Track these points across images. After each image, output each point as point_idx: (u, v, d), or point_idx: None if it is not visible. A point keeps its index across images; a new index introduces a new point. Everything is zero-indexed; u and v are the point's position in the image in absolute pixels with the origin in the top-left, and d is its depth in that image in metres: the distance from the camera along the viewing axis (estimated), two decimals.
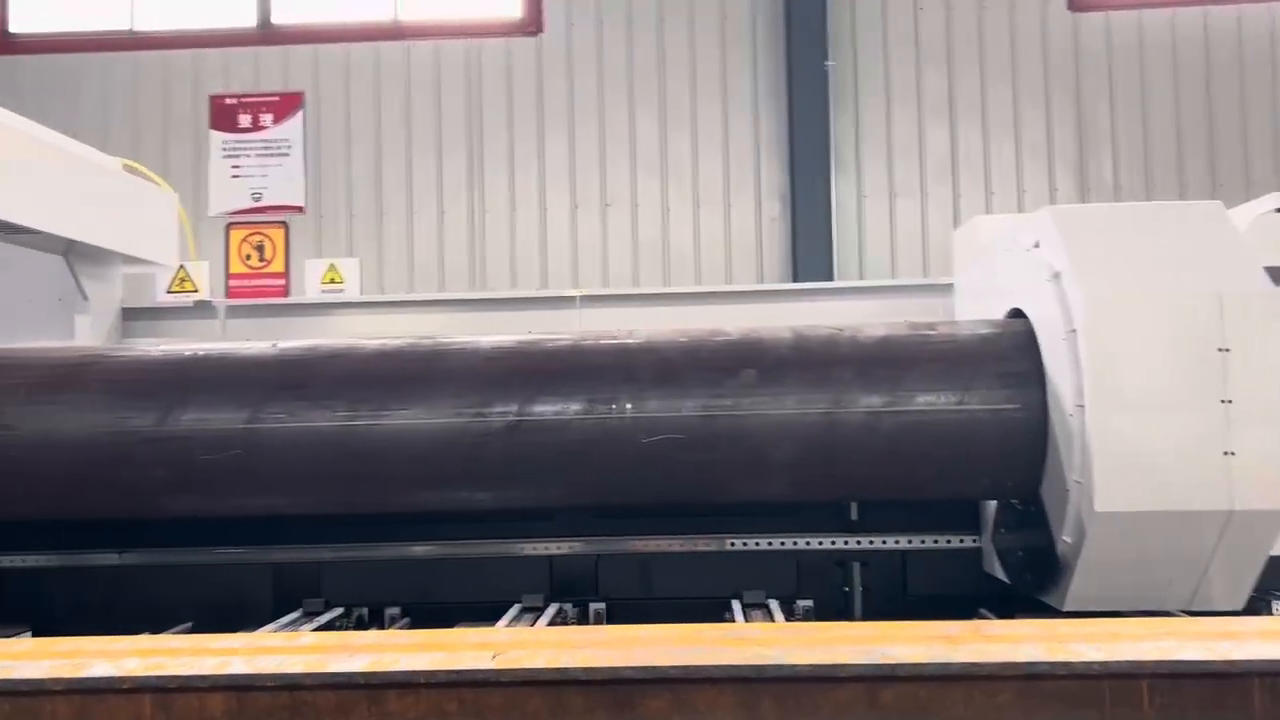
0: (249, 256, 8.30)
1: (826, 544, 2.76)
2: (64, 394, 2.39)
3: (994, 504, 2.61)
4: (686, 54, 8.20)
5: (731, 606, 2.62)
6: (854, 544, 2.75)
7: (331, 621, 2.65)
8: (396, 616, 2.74)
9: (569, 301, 3.64)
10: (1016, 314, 2.49)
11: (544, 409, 2.32)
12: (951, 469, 2.35)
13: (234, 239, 8.33)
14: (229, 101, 8.35)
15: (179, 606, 2.77)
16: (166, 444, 2.31)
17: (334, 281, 8.13)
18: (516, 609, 2.63)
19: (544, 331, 2.57)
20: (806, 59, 7.97)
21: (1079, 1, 8.11)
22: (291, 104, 8.33)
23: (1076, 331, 2.18)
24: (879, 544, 2.74)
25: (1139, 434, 2.14)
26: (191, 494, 2.38)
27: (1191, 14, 8.05)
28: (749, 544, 2.75)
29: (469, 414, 2.31)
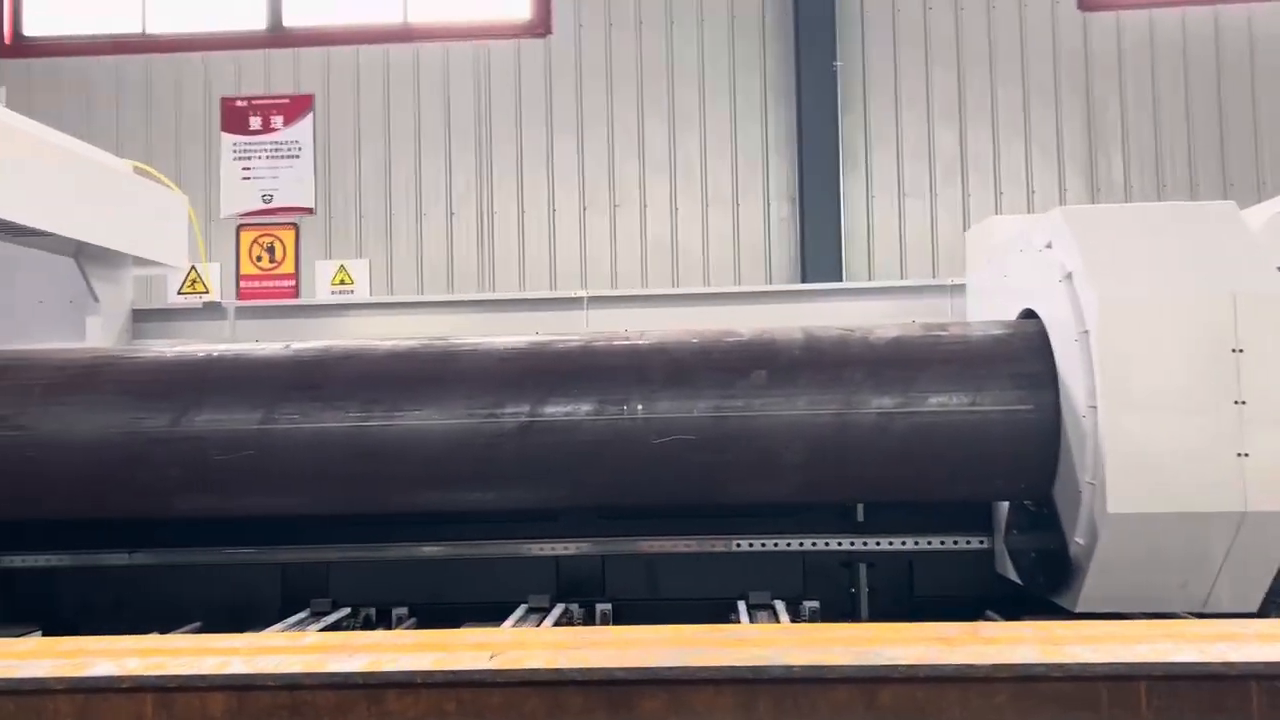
0: (260, 258, 8.33)
1: (833, 545, 2.75)
2: (79, 395, 2.41)
3: (1006, 505, 2.60)
4: (695, 55, 8.20)
5: (737, 607, 2.62)
6: (860, 545, 2.74)
7: (339, 621, 2.66)
8: (404, 616, 2.75)
9: (576, 303, 3.63)
10: (1029, 315, 2.48)
11: (556, 410, 2.32)
12: (964, 470, 2.34)
13: (245, 240, 8.37)
14: (240, 104, 8.39)
15: (188, 606, 2.78)
16: (181, 444, 2.32)
17: (344, 283, 8.16)
18: (523, 609, 2.63)
19: (553, 332, 2.57)
20: (815, 60, 7.95)
21: (1089, 1, 8.08)
22: (302, 106, 8.36)
23: (1089, 332, 2.17)
24: (885, 545, 2.73)
25: (1152, 435, 2.13)
26: (205, 494, 2.39)
27: (1202, 13, 8.01)
28: (755, 545, 2.75)
29: (481, 415, 2.32)
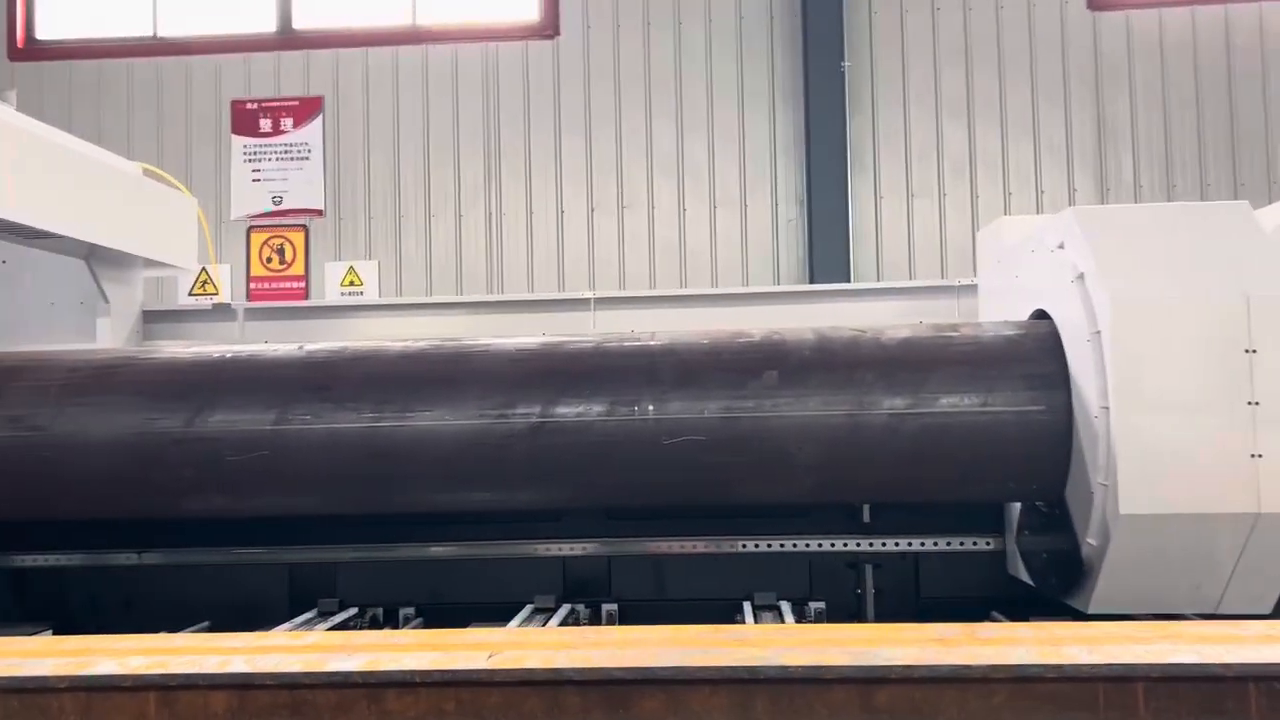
0: (270, 259, 8.36)
1: (839, 546, 2.74)
2: (94, 396, 2.42)
3: (1018, 506, 2.60)
4: (703, 56, 8.20)
5: (743, 608, 2.62)
6: (866, 546, 2.74)
7: (345, 621, 2.67)
8: (410, 616, 2.75)
9: (583, 304, 3.64)
10: (1040, 315, 2.48)
11: (567, 410, 2.32)
12: (975, 471, 2.34)
13: (255, 242, 8.40)
14: (250, 106, 8.42)
15: (197, 606, 2.79)
16: (195, 445, 2.33)
17: (353, 284, 8.19)
18: (528, 610, 2.64)
19: (564, 334, 2.58)
20: (823, 60, 7.94)
21: (1098, 0, 8.05)
22: (311, 108, 8.39)
23: (1101, 333, 2.16)
24: (891, 546, 2.73)
25: (1164, 436, 2.12)
26: (219, 495, 2.40)
27: (1213, 12, 7.98)
28: (761, 546, 2.74)
29: (493, 415, 2.33)
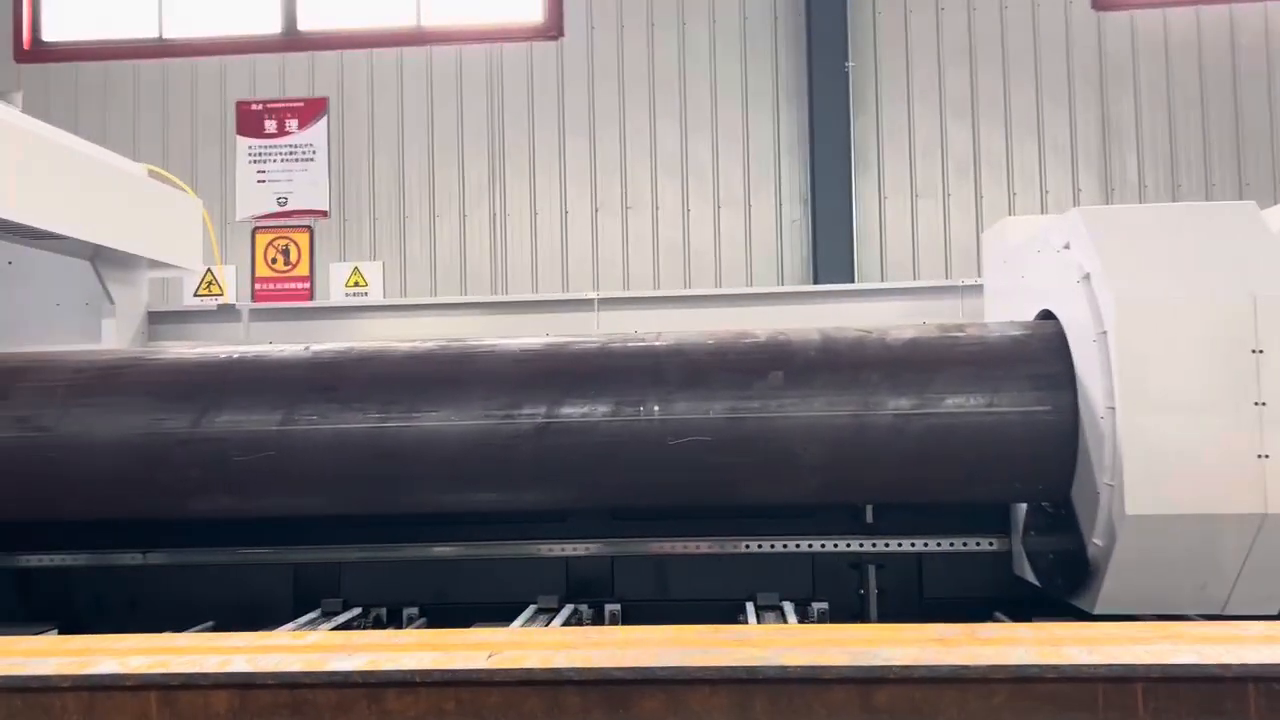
0: (275, 260, 8.38)
1: (842, 546, 2.74)
2: (101, 397, 2.43)
3: (1024, 507, 2.59)
4: (707, 56, 8.20)
5: (745, 609, 2.62)
6: (869, 546, 2.74)
7: (349, 621, 2.67)
8: (414, 616, 2.75)
9: (587, 304, 3.64)
10: (1046, 316, 2.48)
11: (573, 411, 2.32)
12: (981, 472, 2.34)
13: (260, 243, 8.42)
14: (255, 107, 8.44)
15: (201, 606, 2.80)
16: (202, 445, 2.34)
17: (358, 285, 8.20)
18: (531, 610, 2.64)
19: (570, 334, 2.58)
20: (827, 60, 7.94)
21: (1103, 0, 8.04)
22: (316, 109, 8.41)
23: (1107, 333, 2.16)
24: (895, 546, 2.73)
25: (1171, 436, 2.12)
26: (226, 495, 2.40)
27: (1218, 12, 7.96)
28: (764, 546, 2.74)
29: (498, 416, 2.33)
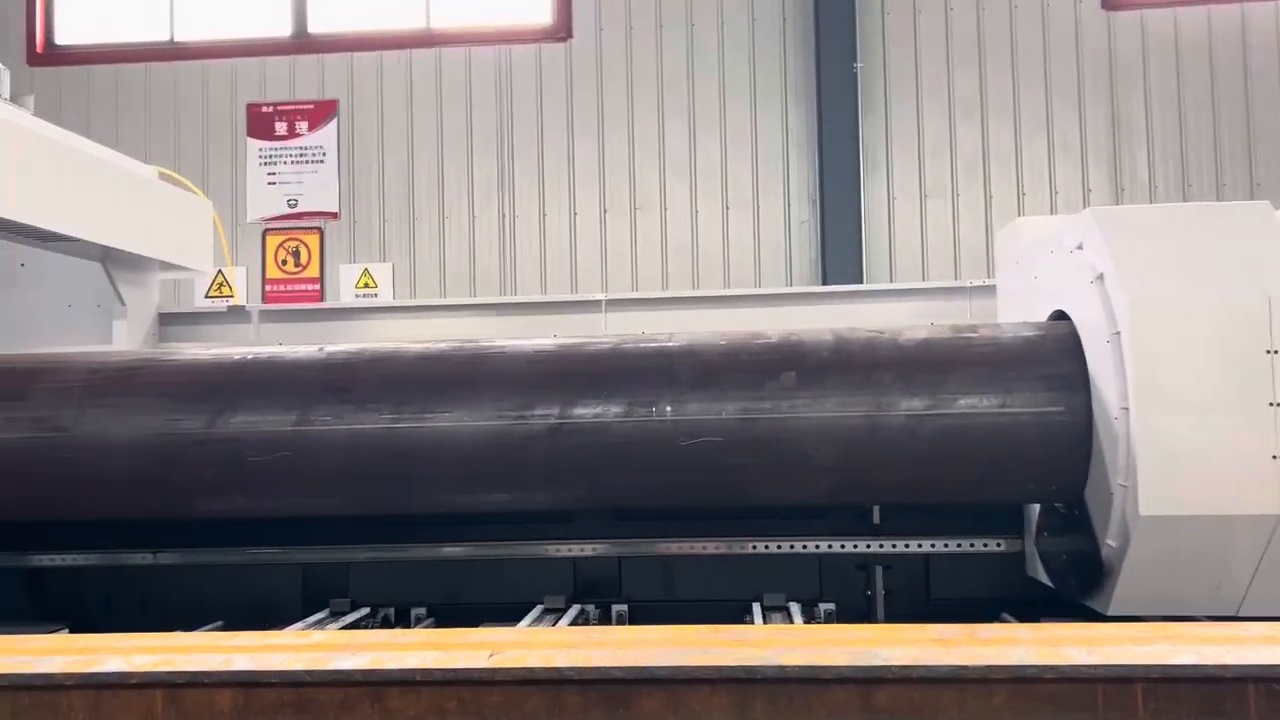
0: (285, 262, 8.41)
1: (849, 547, 2.74)
2: (116, 397, 2.44)
3: (1037, 508, 2.59)
4: (715, 57, 8.20)
5: (752, 609, 2.62)
6: (877, 547, 2.73)
7: (357, 621, 2.68)
8: (422, 616, 2.76)
9: (595, 305, 3.65)
10: (1060, 316, 2.47)
11: (585, 412, 2.33)
12: (994, 472, 2.33)
13: (270, 245, 8.45)
14: (265, 109, 8.47)
15: (211, 605, 2.81)
16: (217, 446, 2.35)
17: (367, 286, 8.23)
18: (538, 610, 2.65)
19: (574, 335, 2.59)
20: (835, 61, 7.94)
21: (1113, 0, 8.02)
22: (326, 111, 8.44)
23: (1121, 334, 2.15)
24: (902, 547, 2.72)
25: (1185, 437, 2.11)
26: (240, 495, 2.41)
27: (1229, 11, 7.93)
28: (771, 547, 2.74)
29: (511, 417, 2.33)
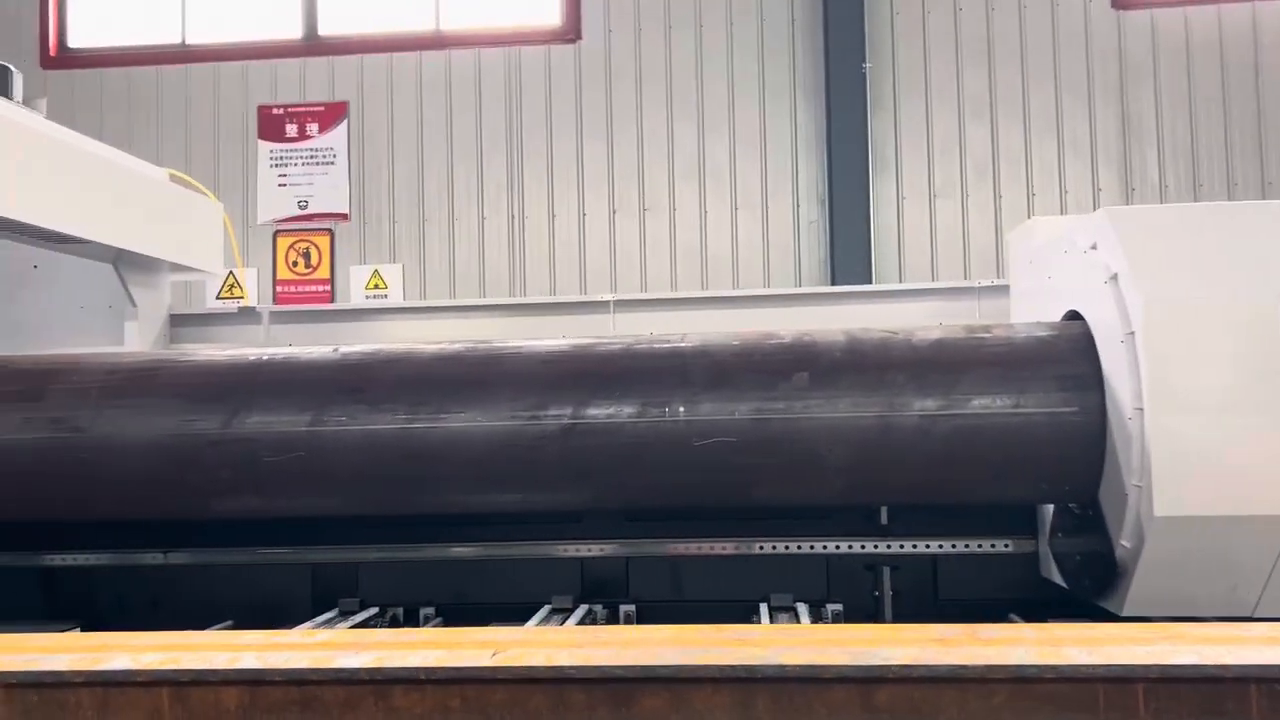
0: (296, 263, 8.45)
1: (856, 548, 2.73)
2: (133, 398, 2.46)
3: (1050, 509, 2.58)
4: (724, 58, 8.21)
5: (759, 609, 2.62)
6: (884, 548, 2.73)
7: (366, 621, 2.69)
8: (430, 616, 2.76)
9: (603, 306, 3.66)
10: (1073, 316, 2.47)
11: (598, 412, 2.33)
12: (1008, 473, 2.33)
13: (281, 246, 8.49)
14: (276, 111, 8.51)
15: (222, 605, 2.82)
16: (232, 446, 2.36)
17: (377, 287, 8.27)
18: (546, 610, 2.65)
19: (583, 336, 2.59)
20: (844, 61, 7.94)
21: None
22: (337, 113, 8.47)
23: (1135, 334, 2.15)
24: (909, 548, 2.72)
25: (1200, 437, 2.11)
26: (255, 496, 2.43)
27: (1239, 10, 7.90)
28: (779, 547, 2.74)
29: (525, 417, 2.34)
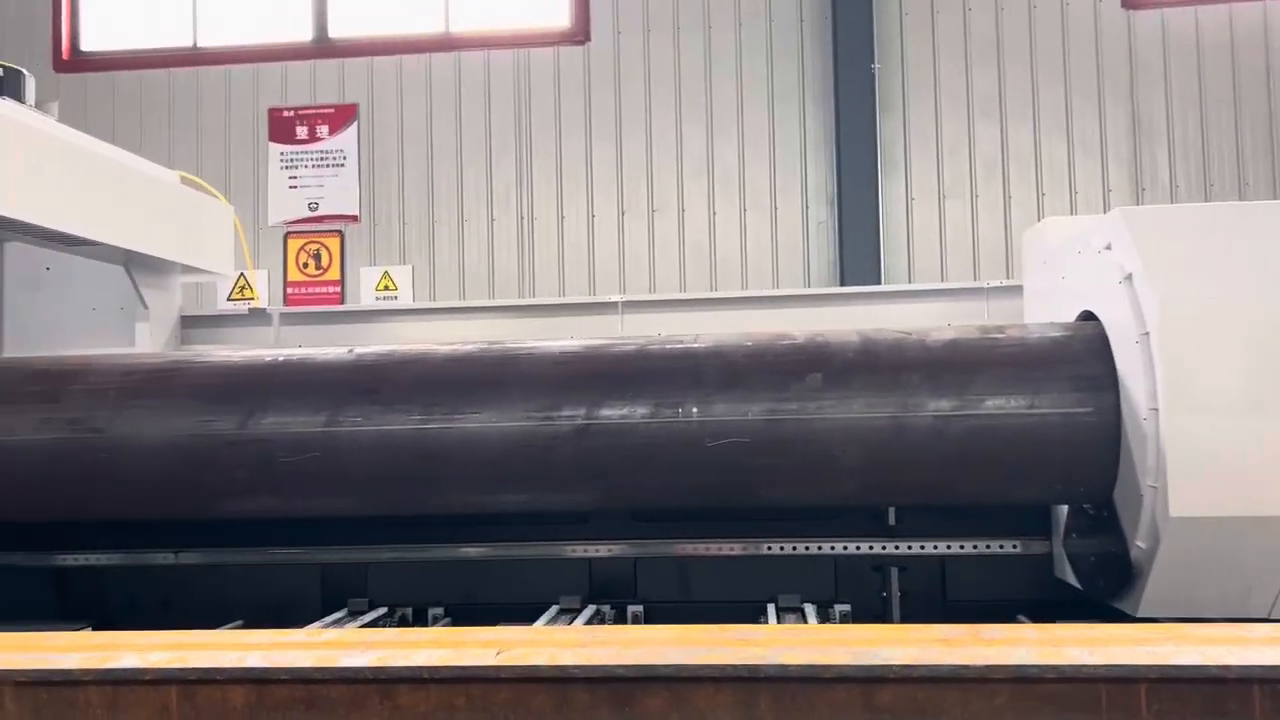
0: (306, 265, 8.48)
1: (864, 548, 2.73)
2: (150, 399, 2.48)
3: (1064, 510, 2.58)
4: (733, 59, 8.21)
5: (767, 610, 2.62)
6: (892, 549, 2.73)
7: (374, 621, 2.70)
8: (439, 616, 2.77)
9: (612, 307, 3.67)
10: (1088, 317, 2.47)
11: (612, 413, 2.34)
12: (1022, 473, 2.33)
13: (292, 248, 8.52)
14: (287, 114, 8.55)
15: (232, 605, 2.83)
16: (248, 447, 2.38)
17: (387, 288, 8.29)
18: (554, 610, 2.66)
19: (599, 337, 2.60)
20: (853, 62, 7.93)
21: None
22: (347, 115, 8.50)
23: (1150, 334, 2.15)
24: (917, 549, 2.72)
25: (1215, 437, 2.10)
26: (271, 496, 2.44)
27: (1250, 10, 7.87)
28: (787, 548, 2.74)
29: (538, 418, 2.35)
